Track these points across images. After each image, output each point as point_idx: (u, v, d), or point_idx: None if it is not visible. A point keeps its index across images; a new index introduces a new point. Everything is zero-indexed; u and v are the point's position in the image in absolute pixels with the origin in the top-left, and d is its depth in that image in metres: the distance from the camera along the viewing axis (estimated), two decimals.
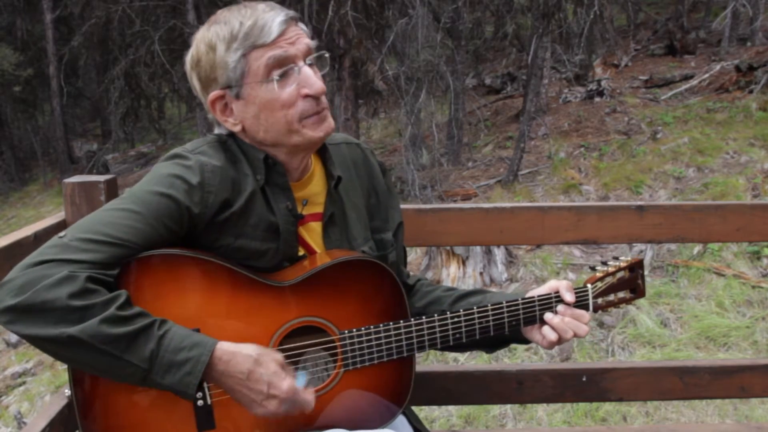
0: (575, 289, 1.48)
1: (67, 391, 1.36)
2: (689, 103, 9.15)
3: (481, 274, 5.72)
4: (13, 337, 6.69)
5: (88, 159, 14.24)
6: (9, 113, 16.21)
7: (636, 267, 1.56)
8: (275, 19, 1.29)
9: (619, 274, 1.54)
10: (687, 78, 10.00)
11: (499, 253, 5.83)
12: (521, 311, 1.45)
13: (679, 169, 7.44)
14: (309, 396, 1.26)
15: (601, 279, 1.52)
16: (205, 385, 1.25)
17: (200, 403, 1.27)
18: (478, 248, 5.68)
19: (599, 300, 1.52)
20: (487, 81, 12.14)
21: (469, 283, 5.68)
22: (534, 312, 1.46)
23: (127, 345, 1.14)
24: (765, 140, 7.67)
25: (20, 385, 5.75)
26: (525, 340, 1.52)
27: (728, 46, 10.68)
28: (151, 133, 15.34)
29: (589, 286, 1.50)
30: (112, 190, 1.72)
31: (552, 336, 1.44)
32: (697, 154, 7.64)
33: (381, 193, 1.57)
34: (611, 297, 1.54)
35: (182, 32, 10.49)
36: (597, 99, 9.83)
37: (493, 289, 5.63)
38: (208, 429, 1.29)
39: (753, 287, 5.22)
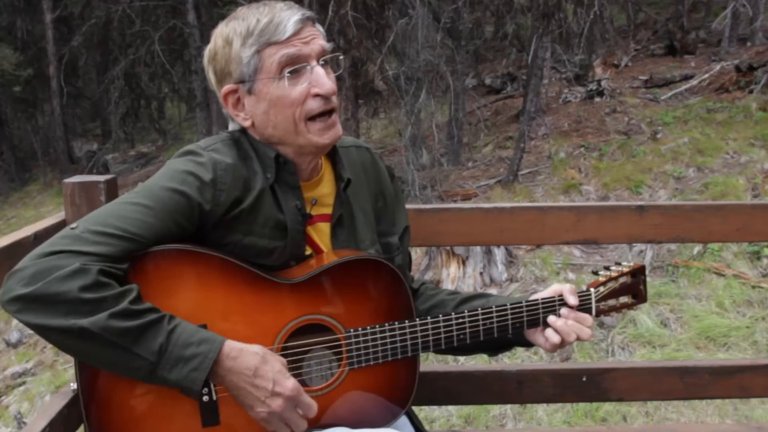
0: (578, 292, 1.50)
1: (73, 386, 1.36)
2: (689, 103, 9.15)
3: (481, 274, 5.72)
4: (13, 337, 6.69)
5: (88, 159, 14.25)
6: (9, 113, 16.21)
7: (638, 272, 1.58)
8: (291, 18, 1.31)
9: (621, 279, 1.56)
10: (687, 78, 9.99)
11: (499, 253, 5.83)
12: (525, 314, 1.46)
13: (679, 169, 7.44)
14: (311, 401, 1.27)
15: (603, 284, 1.54)
16: (211, 381, 1.26)
17: (206, 398, 1.27)
18: (478, 248, 5.68)
19: (601, 304, 1.54)
20: (487, 81, 12.14)
21: (469, 283, 5.68)
22: (537, 315, 1.47)
23: (137, 338, 1.14)
24: (765, 140, 7.67)
25: (20, 385, 5.75)
26: (528, 343, 1.54)
27: (728, 46, 10.68)
28: (151, 133, 15.33)
29: (592, 290, 1.52)
30: (112, 190, 1.72)
31: (555, 338, 1.45)
32: (697, 154, 7.63)
33: (388, 197, 1.58)
34: (613, 301, 1.56)
35: (182, 32, 10.50)
36: (597, 99, 9.83)
37: (493, 290, 5.63)
38: (213, 425, 1.29)
39: (753, 287, 5.21)
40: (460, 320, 1.43)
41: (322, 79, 1.33)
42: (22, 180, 16.20)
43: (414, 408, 1.66)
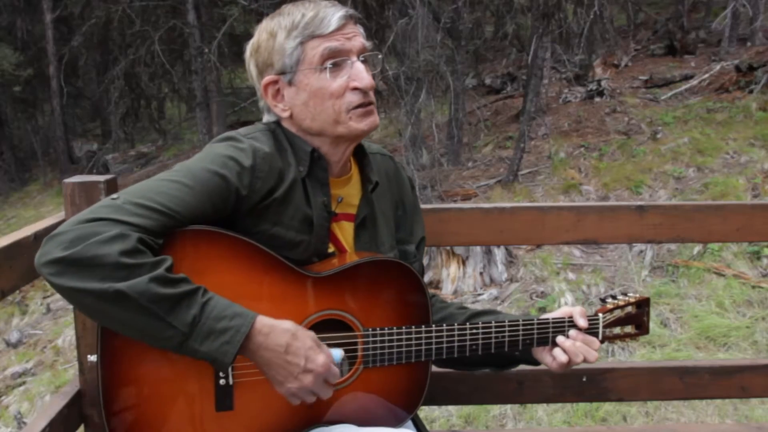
0: (587, 316, 1.53)
1: (92, 357, 1.36)
2: (689, 103, 9.15)
3: (481, 274, 5.72)
4: (13, 337, 6.69)
5: (88, 159, 14.23)
6: (9, 113, 16.20)
7: (643, 304, 1.61)
8: (336, 14, 1.36)
9: (627, 309, 1.59)
10: (687, 78, 9.99)
11: (499, 253, 5.83)
12: (536, 331, 1.49)
13: (679, 169, 7.44)
14: (336, 369, 1.28)
15: (611, 311, 1.57)
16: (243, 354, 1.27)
17: (222, 382, 1.28)
18: (478, 248, 5.69)
19: (607, 331, 1.57)
20: (487, 81, 12.13)
21: (469, 283, 5.68)
22: (547, 333, 1.50)
23: (171, 307, 1.15)
24: (765, 140, 7.67)
25: (20, 385, 5.75)
26: (534, 361, 1.57)
27: (728, 46, 10.68)
28: (151, 133, 15.33)
29: (600, 315, 1.55)
30: (112, 190, 1.71)
31: (563, 358, 1.48)
32: (697, 154, 7.63)
33: (408, 206, 1.62)
34: (618, 330, 1.60)
35: (182, 32, 10.50)
36: (597, 99, 9.83)
37: (494, 290, 5.63)
38: (226, 410, 1.30)
39: (753, 287, 5.21)
40: (474, 331, 1.45)
41: (362, 73, 1.37)
42: (22, 180, 16.19)
43: None
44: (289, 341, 1.22)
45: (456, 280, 5.66)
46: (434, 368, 1.74)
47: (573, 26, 8.65)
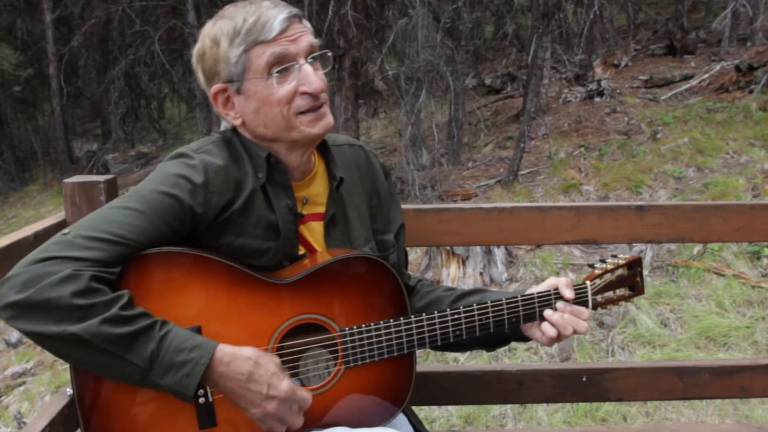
0: (574, 286, 1.49)
1: (69, 390, 1.37)
2: (689, 103, 9.15)
3: (481, 274, 5.72)
4: (13, 337, 6.69)
5: (88, 159, 14.24)
6: (9, 113, 16.20)
7: (634, 264, 1.57)
8: (277, 16, 1.31)
9: (618, 272, 1.55)
10: (687, 78, 9.99)
11: (499, 253, 5.83)
12: (521, 308, 1.46)
13: (679, 169, 7.44)
14: (306, 393, 1.27)
15: (599, 276, 1.53)
16: (205, 385, 1.26)
17: (201, 400, 1.27)
18: (478, 248, 5.68)
19: (598, 297, 1.53)
20: (487, 81, 12.13)
21: (469, 284, 5.67)
22: (533, 309, 1.47)
23: (128, 345, 1.15)
24: (765, 140, 7.66)
25: (20, 385, 5.75)
26: (525, 338, 1.53)
27: (728, 46, 10.68)
28: (151, 133, 15.34)
29: (587, 283, 1.52)
30: (112, 190, 1.72)
31: (551, 332, 1.45)
32: (697, 154, 7.63)
33: (383, 195, 1.58)
34: (610, 294, 1.55)
35: (182, 32, 10.50)
36: (597, 99, 9.82)
37: (494, 289, 5.63)
38: (210, 427, 1.29)
39: (753, 287, 5.21)
40: (456, 316, 1.43)
41: (310, 77, 1.33)
42: (22, 180, 16.19)
43: (414, 408, 1.66)
44: (251, 369, 1.21)
45: (456, 280, 5.66)
46: (434, 368, 1.74)
47: (573, 26, 8.66)
